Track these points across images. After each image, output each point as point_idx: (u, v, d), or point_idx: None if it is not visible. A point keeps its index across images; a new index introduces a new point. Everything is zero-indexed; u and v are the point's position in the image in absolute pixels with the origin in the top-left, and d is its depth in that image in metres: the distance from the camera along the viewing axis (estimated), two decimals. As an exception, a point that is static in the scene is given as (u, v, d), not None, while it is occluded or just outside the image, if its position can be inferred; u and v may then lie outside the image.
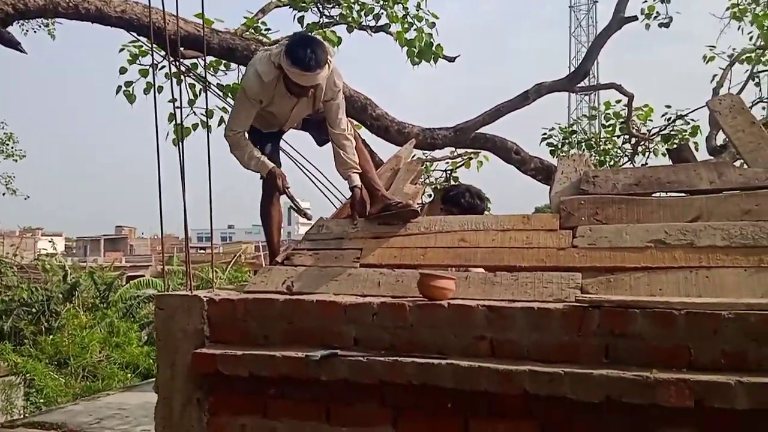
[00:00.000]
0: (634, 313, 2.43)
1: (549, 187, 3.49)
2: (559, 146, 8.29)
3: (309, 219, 3.70)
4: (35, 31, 10.42)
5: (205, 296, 3.07)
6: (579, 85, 7.25)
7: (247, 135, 3.59)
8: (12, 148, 14.19)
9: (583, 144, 8.44)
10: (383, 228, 3.44)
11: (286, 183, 3.60)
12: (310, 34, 3.66)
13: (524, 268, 3.00)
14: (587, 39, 42.46)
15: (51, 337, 15.44)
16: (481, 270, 3.11)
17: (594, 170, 3.35)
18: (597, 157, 8.33)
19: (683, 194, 3.12)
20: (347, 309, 2.84)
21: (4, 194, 14.19)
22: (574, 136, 8.51)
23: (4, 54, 4.91)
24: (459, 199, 3.99)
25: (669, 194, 3.19)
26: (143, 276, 24.31)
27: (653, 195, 3.15)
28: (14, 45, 4.88)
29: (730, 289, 2.65)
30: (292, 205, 3.74)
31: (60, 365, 14.88)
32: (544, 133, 8.30)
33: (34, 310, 16.29)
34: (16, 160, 14.28)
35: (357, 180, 3.53)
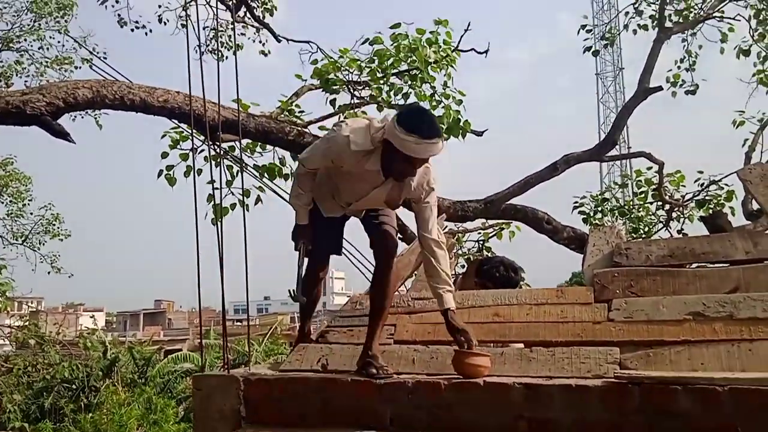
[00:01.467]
0: (676, 390, 2.37)
1: (582, 256, 3.49)
2: (592, 214, 8.26)
3: (294, 300, 3.27)
4: (82, 117, 10.99)
5: (241, 376, 3.10)
6: (608, 154, 7.30)
7: (313, 174, 3.22)
8: (58, 228, 14.68)
9: (616, 211, 8.40)
10: (416, 303, 3.46)
11: (307, 244, 3.24)
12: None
13: (560, 343, 2.97)
14: (615, 105, 42.78)
15: (90, 414, 15.48)
16: (518, 345, 3.09)
17: (626, 242, 3.35)
18: (630, 225, 8.26)
19: (719, 265, 3.09)
20: (382, 388, 2.83)
21: (49, 273, 14.57)
22: (606, 203, 8.49)
23: (53, 139, 5.19)
24: (493, 273, 3.99)
25: (704, 265, 3.16)
26: (180, 350, 24.45)
27: (688, 266, 3.12)
28: (64, 136, 5.16)
29: (775, 363, 2.58)
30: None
31: (99, 444, 14.84)
32: (576, 202, 8.31)
33: (74, 386, 16.44)
34: (61, 240, 14.73)
35: (450, 302, 3.00)
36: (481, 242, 7.43)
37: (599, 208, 8.38)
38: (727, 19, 7.79)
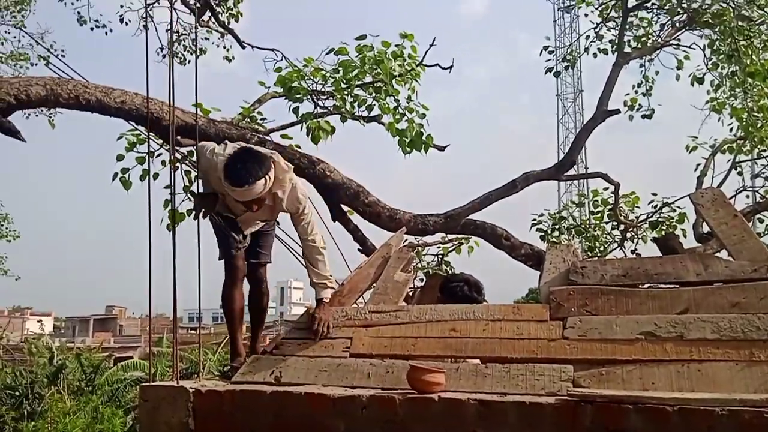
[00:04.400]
0: (627, 409, 2.41)
1: (539, 273, 3.52)
2: (549, 232, 8.38)
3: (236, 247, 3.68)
4: (36, 115, 10.65)
5: (191, 387, 3.02)
6: (566, 173, 7.42)
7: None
8: (6, 228, 14.19)
9: (573, 230, 8.54)
10: (374, 316, 3.43)
11: (207, 208, 3.65)
12: (256, 148, 3.68)
13: (516, 360, 2.98)
14: (574, 125, 43.77)
15: (33, 423, 14.86)
16: (473, 361, 3.09)
17: (582, 261, 3.39)
18: (587, 243, 8.41)
19: (671, 286, 3.15)
20: (336, 402, 2.79)
21: (-5, 275, 14.06)
22: (564, 222, 8.63)
23: (2, 138, 5.00)
24: (456, 291, 3.98)
25: (657, 286, 3.21)
26: (131, 357, 23.74)
27: (641, 286, 3.18)
28: (14, 133, 4.98)
29: (723, 384, 2.63)
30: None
31: (39, 455, 14.23)
32: (534, 219, 8.41)
33: (17, 394, 15.76)
34: (9, 241, 14.27)
35: (325, 293, 3.59)
36: (441, 256, 7.44)
37: (557, 226, 8.51)
38: (683, 47, 8.05)
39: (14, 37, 12.20)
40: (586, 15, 8.77)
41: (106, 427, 15.86)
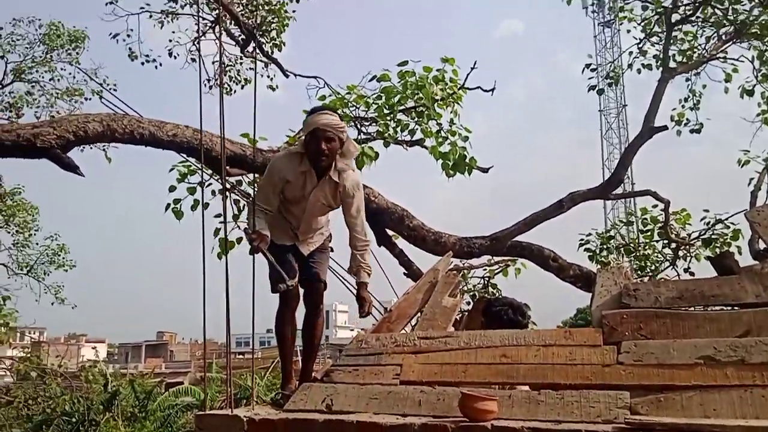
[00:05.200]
0: (688, 437, 2.33)
1: (590, 294, 3.46)
2: (598, 252, 8.24)
3: (288, 286, 3.71)
4: (91, 148, 11.09)
5: (245, 416, 3.06)
6: (614, 192, 7.31)
7: (267, 212, 3.84)
8: (63, 258, 14.69)
9: (622, 249, 8.38)
10: (423, 342, 3.43)
11: (261, 244, 3.66)
12: None
13: (569, 386, 2.92)
14: (618, 141, 42.98)
15: (89, 449, 15.28)
16: (525, 388, 3.04)
17: (635, 283, 3.32)
18: (637, 262, 8.23)
19: (729, 308, 3.05)
20: (388, 430, 2.78)
21: (53, 303, 14.53)
22: (612, 241, 8.47)
23: (61, 171, 5.23)
24: (501, 315, 3.94)
25: (714, 308, 3.13)
26: (182, 383, 24.17)
27: (697, 308, 3.09)
28: (73, 168, 5.21)
29: (789, 410, 2.53)
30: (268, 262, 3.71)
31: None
32: (582, 239, 8.29)
33: (74, 420, 16.21)
34: (66, 270, 14.74)
35: (365, 278, 3.95)
36: (487, 279, 7.39)
37: (605, 246, 8.36)
38: (730, 59, 7.88)
39: (69, 73, 12.81)
40: (629, 31, 8.69)
41: (159, 452, 16.14)
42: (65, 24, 12.77)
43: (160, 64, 11.53)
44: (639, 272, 8.10)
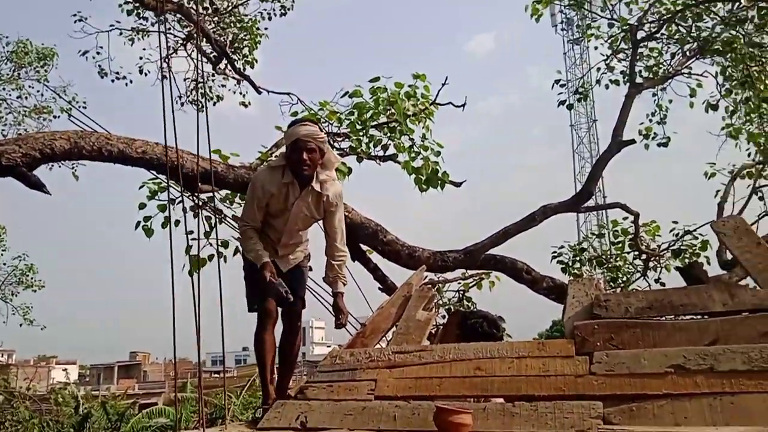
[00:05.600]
0: (659, 446, 2.35)
1: (562, 306, 3.49)
2: (570, 264, 8.32)
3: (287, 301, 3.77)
4: (59, 167, 10.92)
5: (217, 436, 3.01)
6: (585, 205, 7.40)
7: (255, 230, 3.90)
8: (32, 278, 14.39)
9: (594, 261, 8.48)
10: (397, 357, 3.41)
11: (274, 278, 3.72)
12: None
13: (543, 398, 2.94)
14: (590, 155, 43.68)
15: (59, 475, 14.87)
16: (500, 400, 3.05)
17: (605, 294, 3.36)
18: (609, 274, 8.33)
19: (698, 317, 3.10)
20: (363, 446, 2.76)
21: (21, 325, 14.21)
22: (584, 253, 8.57)
23: (27, 190, 5.12)
24: (476, 328, 3.97)
25: (683, 317, 3.17)
26: (156, 404, 23.64)
27: (666, 318, 3.14)
28: (39, 187, 5.09)
29: (757, 416, 2.57)
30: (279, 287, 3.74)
31: None
32: (554, 251, 8.37)
33: (43, 445, 15.79)
34: (35, 291, 14.44)
35: (341, 287, 4.04)
36: (462, 292, 7.41)
37: (578, 258, 8.45)
38: (695, 74, 8.07)
39: (38, 91, 12.63)
40: (596, 48, 8.87)
41: (132, 476, 15.77)
42: (33, 41, 12.62)
43: (131, 81, 11.42)
44: (611, 284, 8.20)
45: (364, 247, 6.58)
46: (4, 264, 14.21)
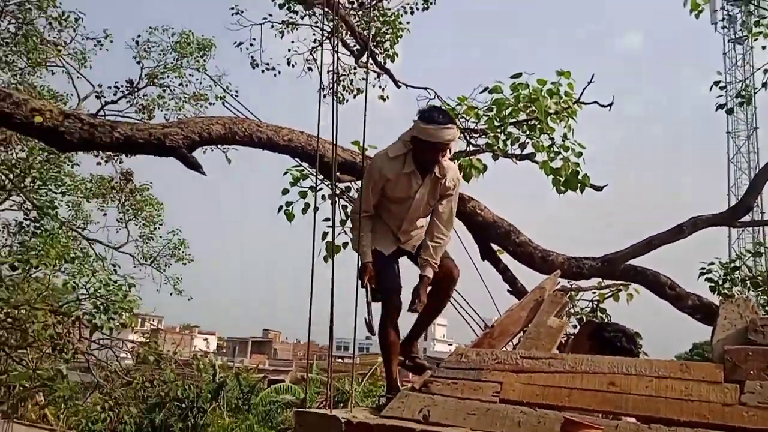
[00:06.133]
0: (819, 493, 2.10)
1: (711, 327, 3.23)
2: (720, 283, 7.65)
3: (371, 332, 3.82)
4: (212, 150, 11.79)
5: (342, 417, 3.11)
6: (741, 219, 6.77)
7: (369, 220, 3.89)
8: (183, 252, 15.63)
9: (748, 282, 7.74)
10: (525, 362, 3.33)
11: (371, 282, 3.75)
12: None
13: (683, 423, 2.73)
14: (748, 166, 39.90)
15: (197, 436, 16.20)
16: (633, 420, 2.88)
17: (763, 318, 3.05)
18: (764, 298, 7.57)
19: None
20: (485, 448, 2.73)
21: (171, 294, 15.50)
22: (737, 272, 7.84)
23: (185, 170, 5.57)
24: (614, 342, 3.74)
25: None
26: (283, 381, 25.07)
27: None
28: (197, 167, 5.54)
29: None
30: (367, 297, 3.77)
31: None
32: (702, 268, 7.74)
33: (184, 406, 17.27)
34: (185, 264, 15.67)
35: (430, 273, 3.81)
36: (596, 302, 7.07)
37: (729, 277, 7.76)
38: None
39: (196, 79, 13.73)
40: (764, 47, 8.06)
41: (260, 445, 16.79)
42: (195, 33, 13.71)
43: (279, 72, 12.07)
44: (766, 308, 7.45)
45: (495, 247, 6.48)
46: (161, 237, 15.54)
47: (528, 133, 6.41)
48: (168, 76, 13.57)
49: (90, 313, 8.52)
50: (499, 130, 6.42)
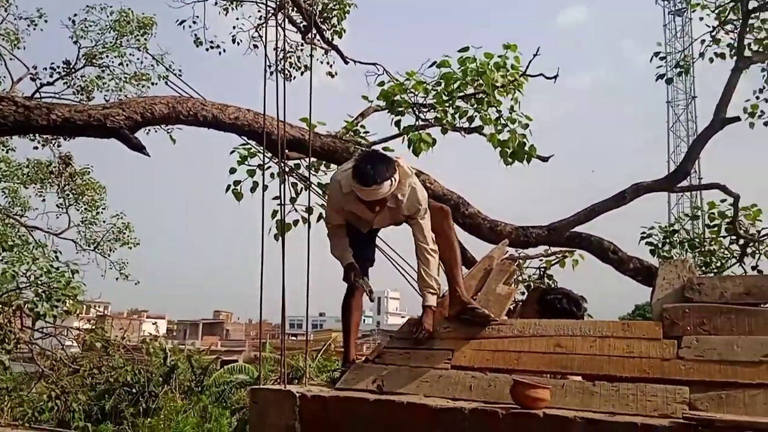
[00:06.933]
0: (750, 436, 2.25)
1: (651, 288, 3.37)
2: (660, 246, 7.96)
3: (371, 300, 3.88)
4: (156, 131, 11.47)
5: (297, 392, 3.13)
6: (679, 184, 7.04)
7: (340, 227, 3.82)
8: (128, 236, 15.22)
9: (686, 244, 8.08)
10: (475, 329, 3.41)
11: (357, 277, 3.70)
12: (382, 151, 4.10)
13: (625, 379, 2.86)
14: (686, 134, 41.40)
15: (148, 419, 15.92)
16: (579, 378, 2.99)
17: (699, 277, 3.21)
18: (701, 258, 7.92)
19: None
20: (438, 413, 2.80)
21: (117, 279, 15.12)
22: (676, 235, 8.17)
23: (127, 151, 5.42)
24: (555, 305, 3.88)
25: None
26: (237, 361, 24.93)
27: (764, 305, 2.96)
28: (140, 149, 5.39)
29: None
30: (363, 287, 3.78)
31: (155, 449, 15.20)
32: (643, 232, 8.03)
33: (134, 391, 16.98)
34: (130, 248, 15.26)
35: (431, 301, 3.58)
36: (543, 269, 7.27)
37: (668, 240, 8.08)
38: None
39: (137, 58, 13.24)
40: (701, 19, 8.32)
41: (214, 426, 16.70)
42: (135, 11, 13.20)
43: (224, 50, 11.79)
44: (703, 268, 7.80)
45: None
46: (104, 221, 15.07)
47: (476, 106, 6.46)
48: (107, 56, 13.04)
49: (32, 301, 8.24)
50: (447, 104, 6.44)
